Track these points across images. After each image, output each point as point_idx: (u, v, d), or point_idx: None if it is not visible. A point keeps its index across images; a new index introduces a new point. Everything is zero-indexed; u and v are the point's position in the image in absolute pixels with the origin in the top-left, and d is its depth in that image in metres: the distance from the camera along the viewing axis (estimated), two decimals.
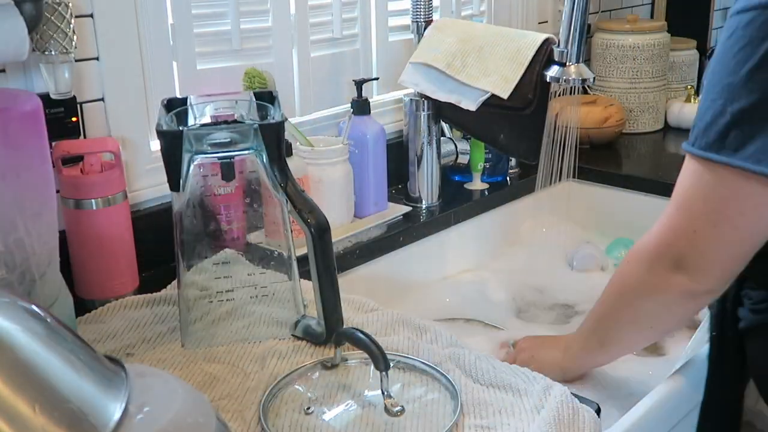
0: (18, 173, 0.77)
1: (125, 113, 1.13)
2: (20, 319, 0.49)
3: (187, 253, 0.92)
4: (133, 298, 1.04)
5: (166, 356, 0.92)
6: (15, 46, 0.92)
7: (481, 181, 1.53)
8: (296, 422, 0.79)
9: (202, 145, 0.88)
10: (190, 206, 0.91)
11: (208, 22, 1.24)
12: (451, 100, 1.30)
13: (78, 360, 0.50)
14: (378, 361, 0.79)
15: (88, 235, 1.04)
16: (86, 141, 1.09)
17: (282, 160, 0.89)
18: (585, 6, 1.10)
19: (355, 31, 1.47)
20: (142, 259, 1.11)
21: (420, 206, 1.41)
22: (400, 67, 1.43)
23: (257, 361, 0.90)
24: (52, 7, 0.98)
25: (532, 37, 1.26)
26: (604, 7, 2.07)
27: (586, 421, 0.78)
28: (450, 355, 0.89)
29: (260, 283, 0.96)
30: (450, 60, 1.30)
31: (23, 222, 0.77)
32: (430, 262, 1.38)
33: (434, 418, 0.79)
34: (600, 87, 1.90)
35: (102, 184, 1.03)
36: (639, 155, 1.81)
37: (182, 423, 0.50)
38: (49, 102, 1.02)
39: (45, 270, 0.81)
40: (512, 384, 0.83)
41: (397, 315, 0.99)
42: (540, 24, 1.83)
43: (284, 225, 0.94)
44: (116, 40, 1.10)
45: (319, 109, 1.42)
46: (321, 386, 0.85)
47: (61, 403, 0.46)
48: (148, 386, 0.52)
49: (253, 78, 1.20)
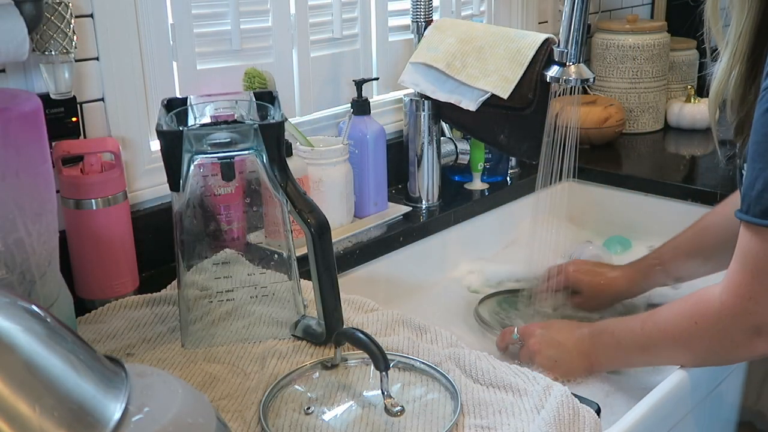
0: (18, 173, 0.77)
1: (125, 113, 1.13)
2: (20, 319, 0.49)
3: (187, 253, 0.92)
4: (133, 298, 1.04)
5: (166, 356, 0.92)
6: (15, 46, 0.92)
7: (481, 181, 1.53)
8: (296, 422, 0.79)
9: (202, 145, 0.88)
10: (190, 206, 0.91)
11: (208, 22, 1.24)
12: (451, 101, 1.30)
13: (78, 360, 0.50)
14: (378, 361, 0.79)
15: (88, 235, 1.04)
16: (86, 141, 1.09)
17: (282, 160, 0.89)
18: (585, 6, 1.10)
19: (355, 31, 1.47)
20: (142, 259, 1.11)
21: (420, 206, 1.41)
22: (400, 67, 1.43)
23: (257, 361, 0.90)
24: (52, 7, 0.98)
25: (532, 37, 1.26)
26: (604, 7, 2.07)
27: (586, 421, 0.78)
28: (450, 355, 0.89)
29: (260, 283, 0.96)
30: (450, 60, 1.30)
31: (23, 222, 0.77)
32: (430, 262, 1.38)
33: (434, 418, 0.79)
34: (600, 87, 1.90)
35: (102, 184, 1.03)
36: (639, 155, 1.81)
37: (182, 423, 0.50)
38: (49, 102, 1.02)
39: (45, 270, 0.81)
40: (512, 384, 0.83)
41: (397, 315, 0.99)
42: (540, 24, 1.83)
43: (284, 225, 0.94)
44: (116, 40, 1.10)
45: (319, 109, 1.42)
46: (321, 386, 0.85)
47: (61, 403, 0.46)
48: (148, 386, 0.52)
49: (253, 78, 1.20)
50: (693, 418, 1.00)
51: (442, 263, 1.40)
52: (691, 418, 1.00)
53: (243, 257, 0.97)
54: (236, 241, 0.97)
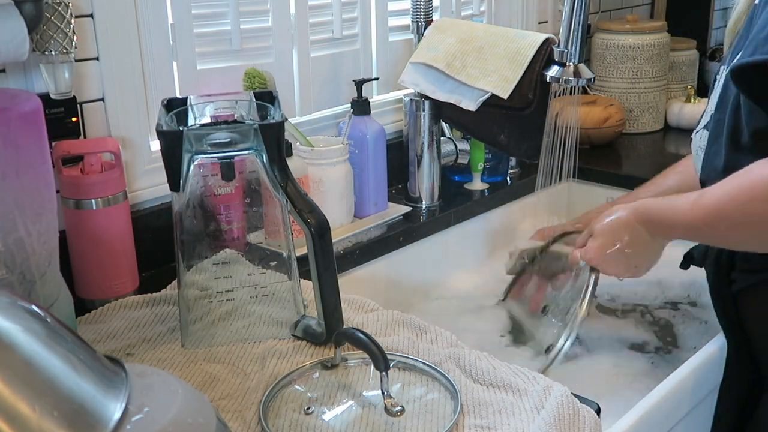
0: (18, 173, 0.77)
1: (125, 113, 1.13)
2: (20, 319, 0.49)
3: (187, 253, 0.92)
4: (133, 298, 1.04)
5: (166, 356, 0.92)
6: (15, 46, 0.92)
7: (481, 181, 1.53)
8: (296, 422, 0.79)
9: (202, 145, 0.88)
10: (190, 206, 0.91)
11: (208, 22, 1.24)
12: (452, 101, 1.30)
13: (78, 360, 0.50)
14: (378, 361, 0.79)
15: (88, 235, 1.04)
16: (86, 141, 1.09)
17: (282, 160, 0.89)
18: (585, 6, 1.10)
19: (355, 31, 1.47)
20: (142, 259, 1.11)
21: (420, 206, 1.41)
22: (400, 67, 1.43)
23: (257, 361, 0.90)
24: (52, 7, 0.98)
25: (532, 37, 1.26)
26: (604, 7, 2.07)
27: (586, 421, 0.78)
28: (450, 355, 0.89)
29: (260, 283, 0.96)
30: (450, 60, 1.30)
31: (23, 222, 0.77)
32: (430, 262, 1.38)
33: (434, 418, 0.79)
34: (600, 87, 1.90)
35: (102, 184, 1.03)
36: (639, 155, 1.81)
37: (182, 423, 0.50)
38: (49, 102, 1.02)
39: (45, 270, 0.81)
40: (512, 384, 0.83)
41: (397, 315, 0.99)
42: (540, 24, 1.83)
43: (284, 225, 0.94)
44: (116, 40, 1.10)
45: (319, 109, 1.42)
46: (321, 386, 0.85)
47: (61, 403, 0.46)
48: (148, 386, 0.52)
49: (253, 78, 1.20)
50: (693, 418, 1.00)
51: (442, 263, 1.40)
52: (691, 418, 1.00)
53: (243, 257, 0.97)
54: (236, 241, 0.97)
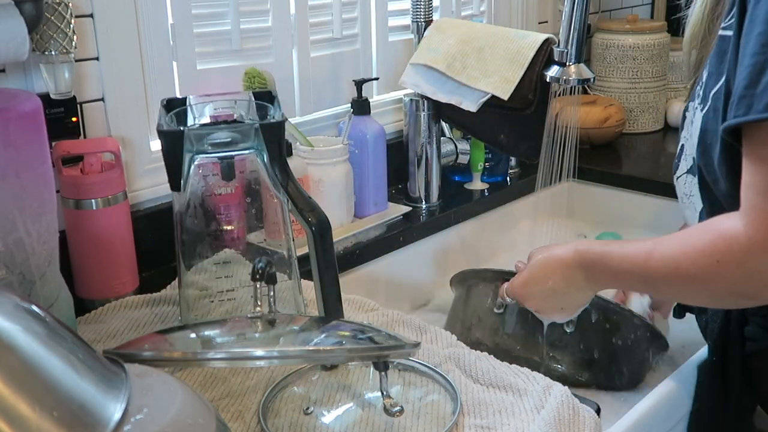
0: (18, 173, 0.77)
1: (125, 113, 1.13)
2: (20, 319, 0.49)
3: (188, 253, 0.92)
4: (133, 298, 1.04)
5: None
6: (15, 46, 0.92)
7: (481, 181, 1.53)
8: (296, 422, 0.79)
9: (202, 145, 0.88)
10: (191, 206, 0.91)
11: (208, 22, 1.24)
12: (452, 102, 1.30)
13: (78, 360, 0.50)
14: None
15: (88, 235, 1.04)
16: (86, 141, 1.09)
17: (282, 159, 0.89)
18: (585, 6, 1.10)
19: (355, 31, 1.47)
20: (142, 259, 1.11)
21: (420, 206, 1.41)
22: (400, 67, 1.43)
23: None
24: (52, 7, 0.98)
25: (532, 37, 1.26)
26: (604, 7, 2.07)
27: (586, 421, 0.78)
28: (450, 356, 0.89)
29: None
30: (450, 61, 1.30)
31: (23, 222, 0.77)
32: (430, 262, 1.38)
33: (434, 418, 0.79)
34: (600, 87, 1.90)
35: (102, 184, 1.03)
36: (639, 155, 1.81)
37: (182, 423, 0.50)
38: (49, 102, 1.02)
39: (45, 270, 0.81)
40: (512, 384, 0.83)
41: (397, 315, 0.99)
42: (540, 24, 1.83)
43: (284, 225, 0.94)
44: (116, 40, 1.10)
45: (319, 109, 1.42)
46: (321, 387, 0.85)
47: (61, 403, 0.46)
48: (148, 386, 0.52)
49: (253, 78, 1.20)
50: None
51: (442, 263, 1.40)
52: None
53: (243, 257, 0.97)
54: (236, 241, 0.97)
